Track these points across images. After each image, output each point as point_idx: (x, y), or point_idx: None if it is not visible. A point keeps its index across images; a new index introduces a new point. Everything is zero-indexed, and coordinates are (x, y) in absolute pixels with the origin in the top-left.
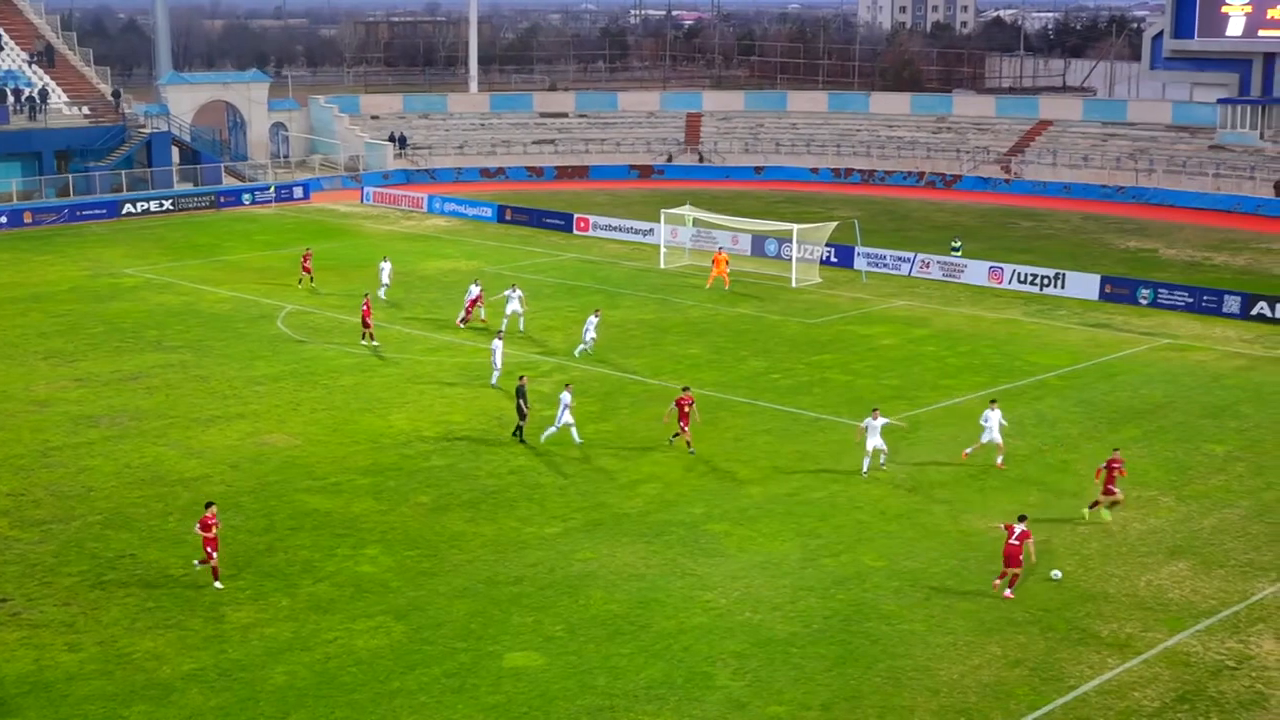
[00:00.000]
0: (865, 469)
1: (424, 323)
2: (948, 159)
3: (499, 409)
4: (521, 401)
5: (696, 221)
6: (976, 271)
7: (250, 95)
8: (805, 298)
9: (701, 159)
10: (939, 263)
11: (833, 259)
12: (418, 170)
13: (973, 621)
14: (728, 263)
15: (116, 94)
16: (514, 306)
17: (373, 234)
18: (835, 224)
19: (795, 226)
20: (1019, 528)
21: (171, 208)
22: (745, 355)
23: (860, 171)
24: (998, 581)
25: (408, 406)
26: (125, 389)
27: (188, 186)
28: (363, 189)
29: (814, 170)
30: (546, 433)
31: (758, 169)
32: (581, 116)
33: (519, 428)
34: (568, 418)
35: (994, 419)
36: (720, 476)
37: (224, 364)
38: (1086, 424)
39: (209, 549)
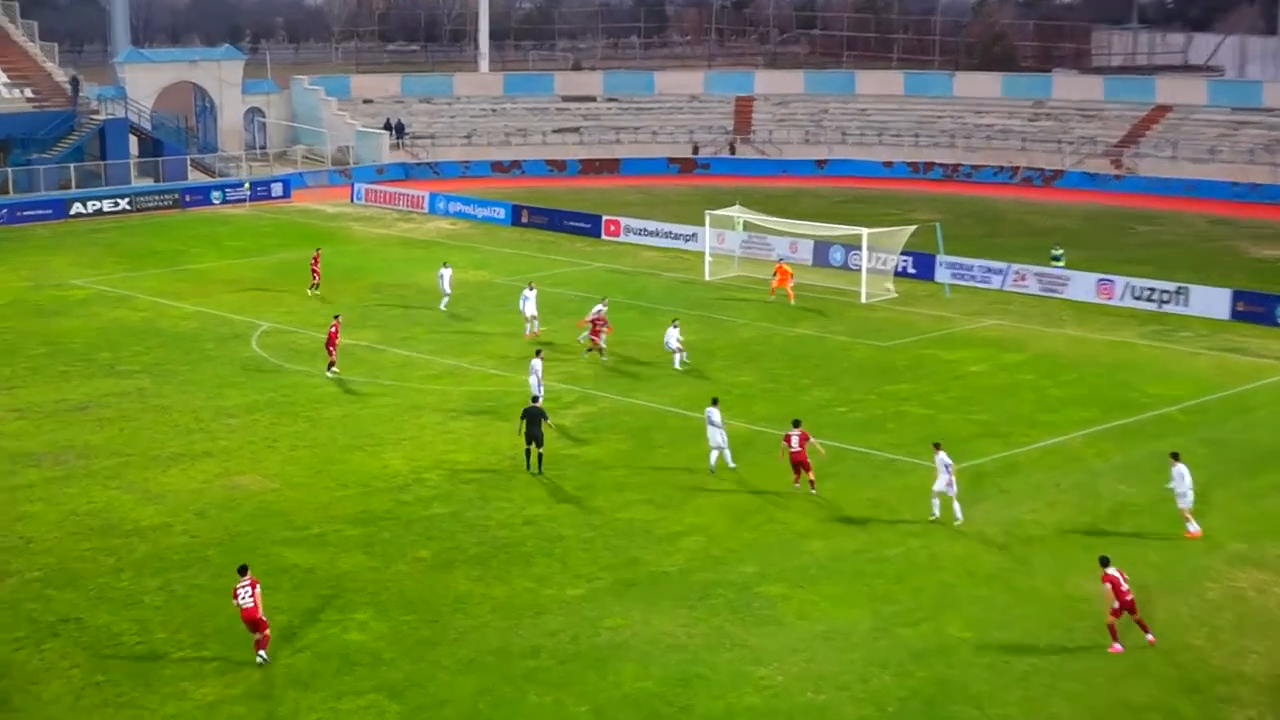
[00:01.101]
0: (936, 512)
1: (425, 343)
2: (1047, 151)
3: (513, 446)
4: (534, 426)
5: (747, 225)
6: (1082, 285)
7: (221, 75)
8: (877, 315)
9: (746, 151)
10: (1037, 275)
11: (910, 270)
12: (418, 164)
13: (1080, 706)
14: (792, 275)
15: (74, 81)
16: (531, 310)
17: (364, 239)
18: (913, 228)
19: (865, 231)
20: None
21: (128, 207)
22: (806, 384)
23: (942, 166)
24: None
25: (405, 443)
26: (72, 421)
27: (148, 183)
28: (353, 186)
29: (887, 164)
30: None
31: (820, 163)
32: (611, 101)
33: (534, 456)
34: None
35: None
36: (776, 528)
37: (189, 392)
38: (1216, 468)
39: (250, 622)
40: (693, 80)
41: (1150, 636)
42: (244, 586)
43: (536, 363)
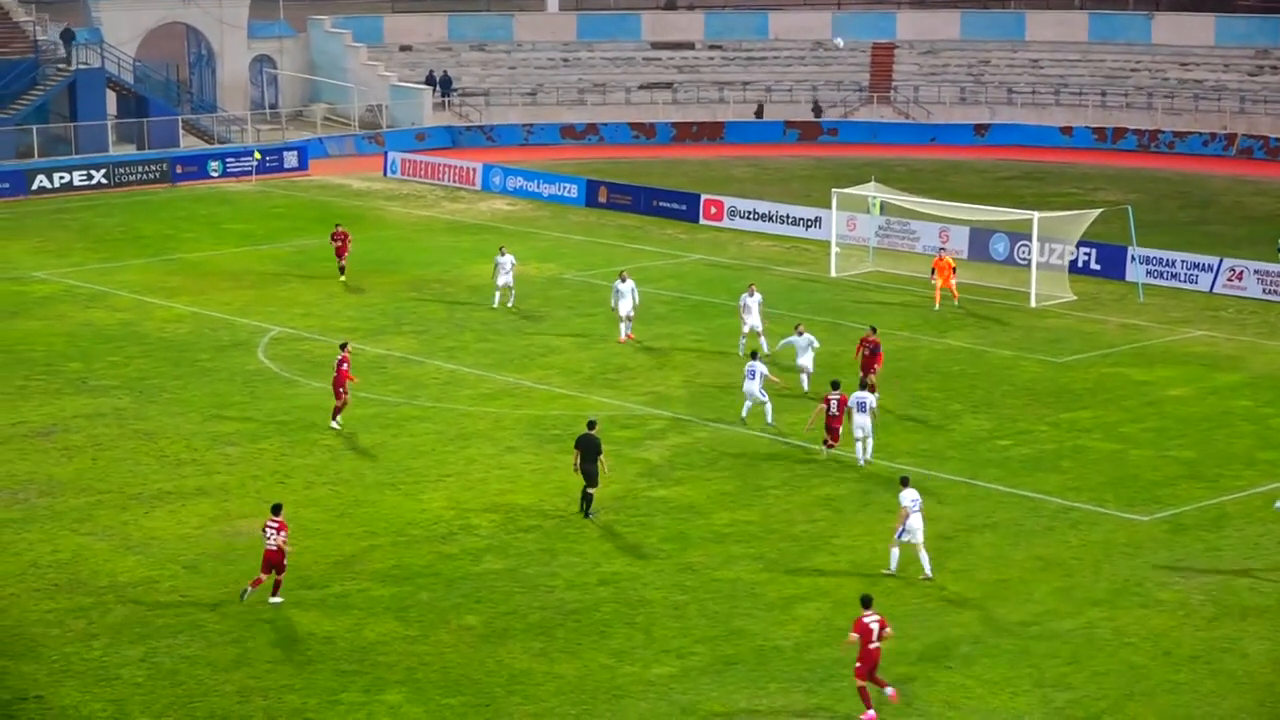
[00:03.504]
0: (893, 565)
1: (475, 354)
2: (1274, 115)
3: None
4: (587, 462)
5: (885, 207)
6: None
7: (222, 15)
8: (1050, 324)
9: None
10: (1258, 273)
11: (1093, 265)
12: (469, 128)
13: None
14: (955, 270)
15: (68, 34)
16: (626, 307)
17: (400, 222)
18: (1098, 212)
19: (1036, 215)
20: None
21: (105, 181)
22: (958, 410)
23: (1136, 133)
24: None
25: (450, 480)
26: (32, 450)
27: (129, 150)
28: (386, 156)
29: (1066, 131)
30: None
31: (980, 128)
32: (714, 48)
33: (586, 499)
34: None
35: None
36: (919, 593)
37: (179, 414)
38: None
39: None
40: (818, 22)
41: (871, 713)
42: (272, 525)
43: (757, 365)
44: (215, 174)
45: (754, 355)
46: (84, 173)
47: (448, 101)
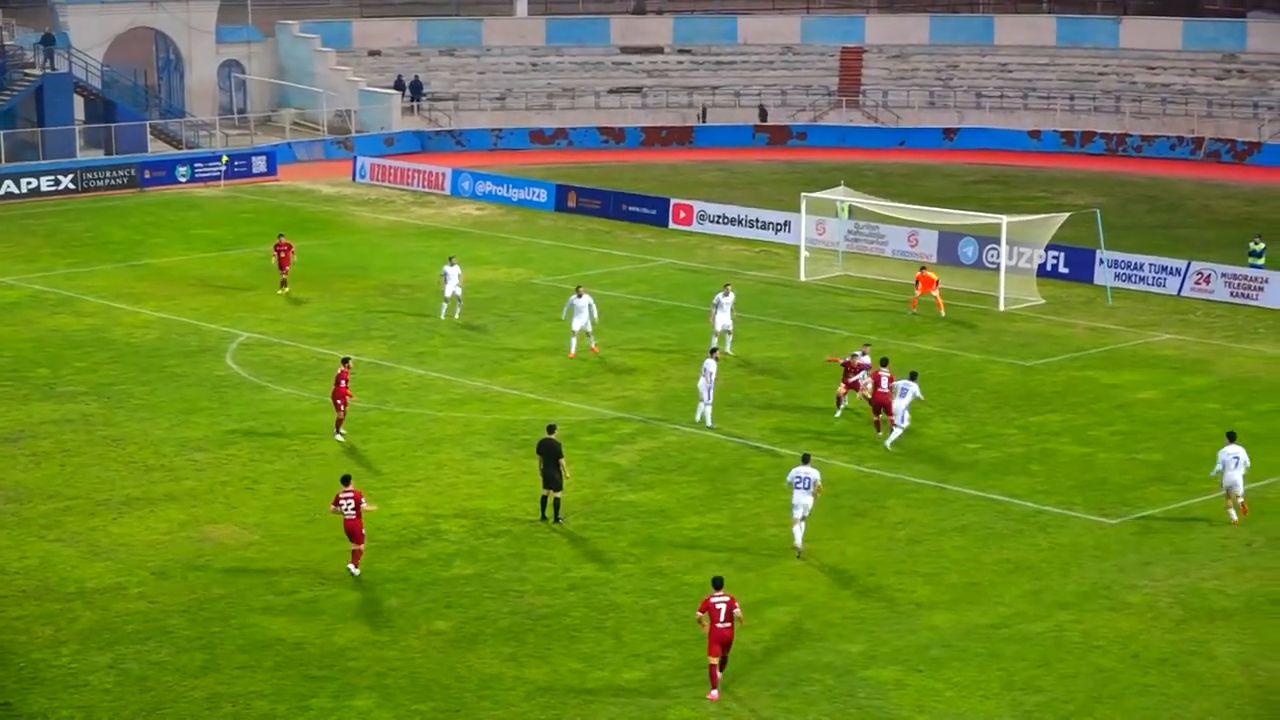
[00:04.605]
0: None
1: (445, 359)
2: (1240, 119)
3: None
4: (549, 466)
5: (854, 211)
6: None
7: (190, 20)
8: (1019, 327)
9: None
10: (1226, 276)
11: (1062, 269)
12: (438, 133)
13: None
14: (938, 282)
15: (48, 39)
16: (581, 322)
17: (369, 227)
18: (1066, 216)
19: (1004, 219)
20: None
21: (72, 186)
22: (928, 413)
23: (1104, 136)
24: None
25: (419, 485)
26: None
27: (97, 155)
28: (355, 160)
29: (1034, 135)
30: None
31: (948, 132)
32: (683, 53)
33: (554, 505)
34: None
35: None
36: (887, 597)
37: (147, 420)
38: None
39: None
40: (787, 27)
41: (714, 693)
42: (346, 496)
43: (710, 364)
44: (183, 179)
45: (712, 352)
46: (51, 178)
47: (417, 106)
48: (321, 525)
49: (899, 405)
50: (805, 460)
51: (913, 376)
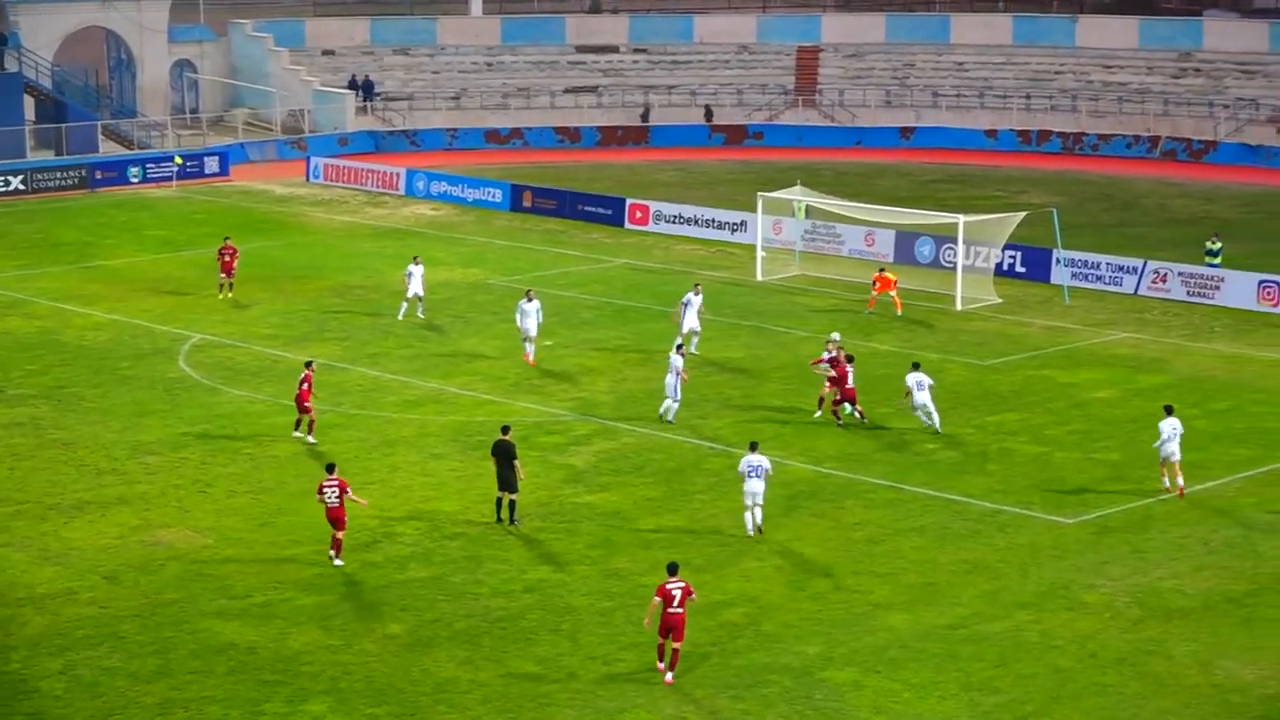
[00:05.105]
0: (751, 526)
1: (400, 361)
2: (1196, 117)
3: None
4: (503, 467)
5: (811, 211)
6: (1240, 289)
7: (142, 20)
8: (976, 326)
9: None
10: (1183, 275)
11: (1018, 268)
12: (392, 133)
13: None
14: (896, 283)
15: (2, 39)
16: (531, 327)
17: (323, 228)
18: (1022, 215)
19: (961, 219)
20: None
21: (22, 187)
22: (885, 412)
23: (1061, 135)
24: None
25: (374, 488)
26: None
27: (47, 156)
28: (309, 161)
29: (990, 134)
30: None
31: (905, 131)
32: (639, 52)
33: (510, 506)
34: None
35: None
36: (845, 598)
37: (98, 423)
38: None
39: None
40: (743, 26)
41: (668, 676)
42: (330, 485)
43: (675, 359)
44: (135, 180)
45: (678, 348)
46: (1, 179)
47: (371, 106)
48: (274, 528)
49: (924, 399)
50: (753, 448)
51: (915, 367)
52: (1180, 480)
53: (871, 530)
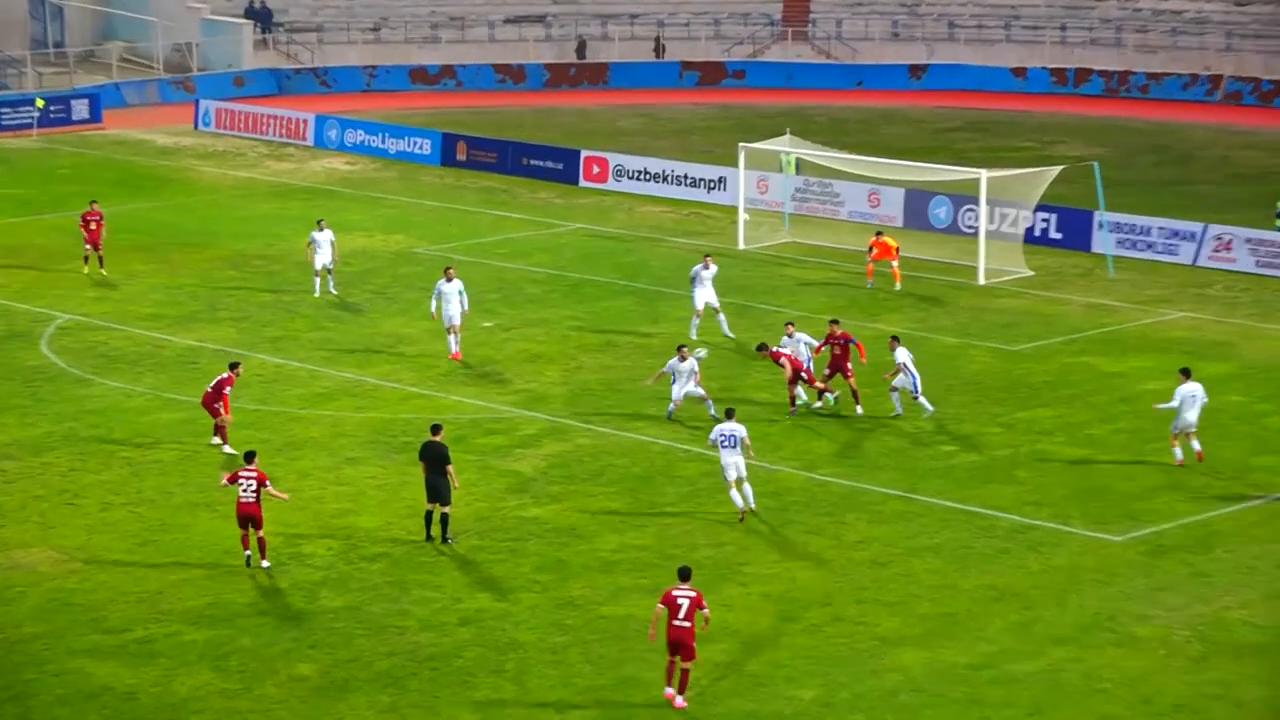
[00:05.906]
0: (739, 502)
1: (308, 346)
2: (1266, 52)
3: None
4: (434, 474)
5: (803, 165)
6: None
7: None
8: (1002, 304)
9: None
10: (1250, 242)
11: (1053, 234)
12: (298, 71)
13: None
14: (897, 250)
15: None
16: (453, 314)
17: (215, 185)
18: (1057, 170)
19: (984, 174)
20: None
21: None
22: (893, 408)
23: (1103, 74)
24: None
25: (277, 500)
26: None
27: None
28: (198, 105)
29: (1018, 72)
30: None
31: (915, 70)
32: None
33: (442, 521)
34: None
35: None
36: (848, 630)
37: None
38: None
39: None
40: None
41: (678, 701)
42: (248, 475)
43: (678, 363)
44: None
45: (679, 350)
46: None
47: (272, 39)
48: (157, 548)
49: (904, 381)
50: (730, 415)
51: (896, 340)
52: (1196, 445)
53: (877, 549)
